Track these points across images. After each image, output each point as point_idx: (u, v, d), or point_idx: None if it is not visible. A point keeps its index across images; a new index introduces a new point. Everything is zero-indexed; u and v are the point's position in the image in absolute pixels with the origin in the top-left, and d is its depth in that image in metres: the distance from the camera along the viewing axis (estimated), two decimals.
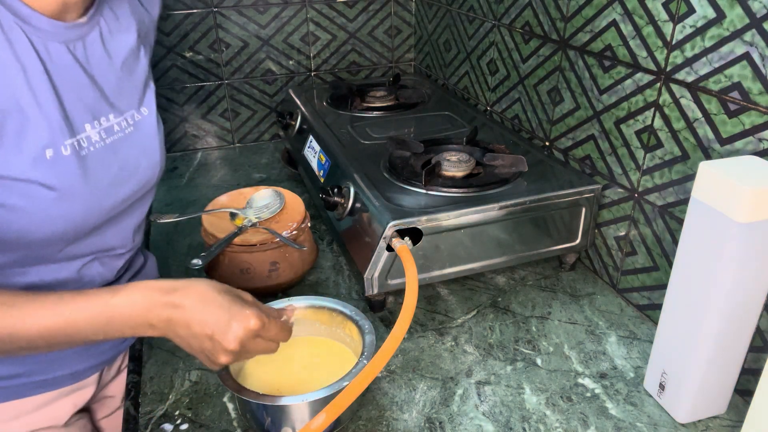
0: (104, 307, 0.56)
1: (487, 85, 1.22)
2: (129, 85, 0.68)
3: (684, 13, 0.71)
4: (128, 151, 0.66)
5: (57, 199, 0.57)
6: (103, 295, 0.57)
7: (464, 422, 0.68)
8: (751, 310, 0.61)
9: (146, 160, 0.69)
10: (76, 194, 0.59)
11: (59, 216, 0.59)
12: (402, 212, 0.80)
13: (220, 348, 0.58)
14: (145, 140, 0.69)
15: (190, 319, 0.57)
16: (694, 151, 0.73)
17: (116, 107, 0.65)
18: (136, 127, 0.68)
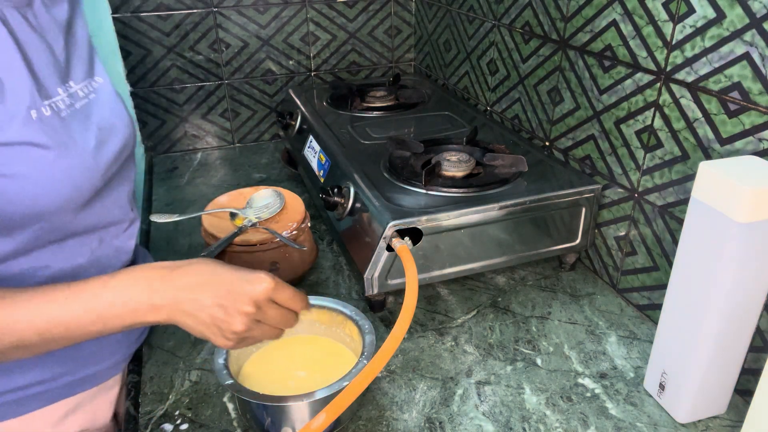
0: (102, 288, 0.55)
1: (487, 85, 1.23)
2: (77, 53, 0.67)
3: (684, 13, 0.71)
4: (100, 114, 0.66)
5: (55, 159, 0.57)
6: (102, 277, 0.56)
7: (464, 422, 0.68)
8: (751, 310, 0.61)
9: (119, 121, 0.69)
10: (70, 153, 0.59)
11: (62, 178, 0.58)
12: (402, 212, 0.80)
13: (234, 312, 0.55)
14: (110, 104, 0.69)
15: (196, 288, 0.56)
16: (694, 151, 0.73)
17: (75, 74, 0.65)
18: (98, 93, 0.68)
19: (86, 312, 0.54)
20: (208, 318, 0.56)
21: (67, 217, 0.61)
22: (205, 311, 0.56)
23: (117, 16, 1.28)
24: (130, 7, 1.28)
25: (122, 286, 0.55)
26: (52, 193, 0.58)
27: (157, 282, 0.56)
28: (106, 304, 0.55)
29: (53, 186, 0.58)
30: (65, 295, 0.54)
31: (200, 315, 0.56)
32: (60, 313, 0.53)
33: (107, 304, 0.55)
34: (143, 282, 0.56)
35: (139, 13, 1.29)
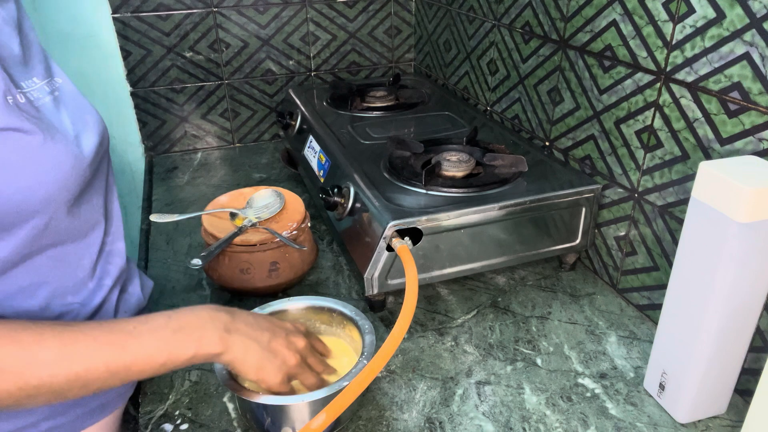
0: (167, 319, 0.56)
1: (487, 85, 1.23)
2: (33, 52, 0.65)
3: (684, 13, 0.71)
4: (69, 109, 0.64)
5: (42, 144, 0.55)
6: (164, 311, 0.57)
7: (464, 422, 0.68)
8: (751, 310, 0.61)
9: (90, 117, 0.67)
10: (56, 138, 0.57)
11: (51, 166, 0.56)
12: (402, 212, 0.80)
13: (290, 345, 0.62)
14: (77, 101, 0.67)
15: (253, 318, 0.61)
16: (694, 151, 0.73)
17: (36, 72, 0.63)
18: (62, 92, 0.65)
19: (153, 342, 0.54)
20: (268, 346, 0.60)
21: (60, 213, 0.59)
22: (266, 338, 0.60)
23: (117, 16, 1.28)
24: (130, 7, 1.28)
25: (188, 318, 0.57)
26: (43, 181, 0.55)
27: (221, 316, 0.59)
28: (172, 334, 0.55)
29: (44, 173, 0.55)
30: (132, 325, 0.54)
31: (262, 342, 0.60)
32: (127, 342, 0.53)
33: (173, 333, 0.55)
34: (208, 316, 0.58)
35: (139, 13, 1.29)
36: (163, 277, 0.94)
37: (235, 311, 0.61)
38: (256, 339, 0.60)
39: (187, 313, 0.58)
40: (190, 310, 0.58)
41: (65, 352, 0.51)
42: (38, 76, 0.63)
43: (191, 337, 0.56)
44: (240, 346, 0.58)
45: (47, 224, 0.58)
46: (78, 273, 0.64)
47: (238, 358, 0.58)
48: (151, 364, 0.54)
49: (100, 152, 0.66)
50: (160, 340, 0.55)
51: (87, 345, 0.52)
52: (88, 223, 0.65)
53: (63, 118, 0.62)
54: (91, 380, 0.52)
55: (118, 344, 0.53)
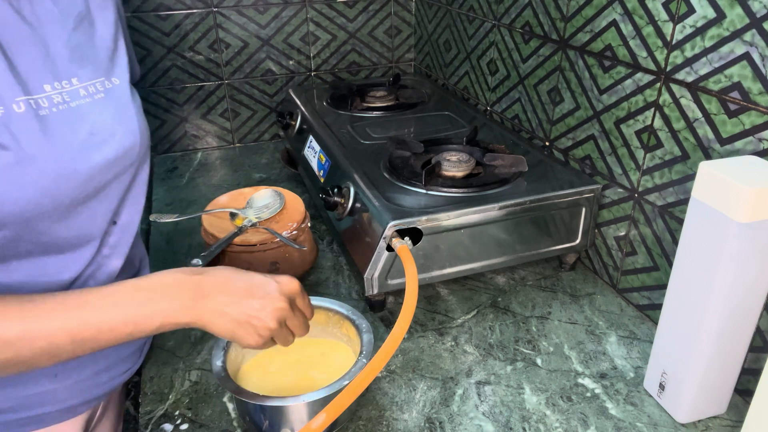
0: (134, 290, 0.55)
1: (487, 85, 1.22)
2: (91, 50, 0.63)
3: (684, 13, 0.71)
4: (99, 117, 0.61)
5: (16, 162, 0.52)
6: (132, 280, 0.55)
7: (464, 422, 0.68)
8: (751, 310, 0.61)
9: (122, 128, 0.64)
10: (37, 156, 0.54)
11: (28, 182, 0.54)
12: (402, 212, 0.80)
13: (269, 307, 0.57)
14: (119, 108, 0.65)
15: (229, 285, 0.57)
16: (694, 151, 0.73)
17: (81, 71, 0.61)
18: (107, 95, 0.63)
19: (119, 313, 0.53)
20: (242, 315, 0.56)
21: (39, 226, 0.57)
22: (239, 308, 0.56)
23: None
24: (130, 7, 1.28)
25: (155, 287, 0.55)
26: (12, 197, 0.53)
27: (189, 283, 0.56)
28: (139, 305, 0.54)
29: (14, 191, 0.53)
30: (97, 297, 0.54)
31: (234, 312, 0.56)
32: (92, 314, 0.53)
33: (139, 304, 0.54)
34: (175, 283, 0.56)
35: (139, 13, 1.29)
36: None
37: (207, 275, 0.58)
38: (226, 304, 0.57)
39: (154, 280, 0.56)
40: (158, 277, 0.56)
41: (27, 328, 0.51)
42: (83, 76, 0.61)
43: (157, 308, 0.54)
44: (208, 314, 0.56)
45: (20, 235, 0.56)
46: (51, 283, 0.62)
47: (210, 325, 0.56)
48: (117, 333, 0.54)
49: (118, 166, 0.63)
50: (125, 311, 0.54)
51: (49, 319, 0.51)
52: (80, 236, 0.62)
53: (82, 127, 0.59)
54: (57, 352, 0.52)
55: (82, 317, 0.52)
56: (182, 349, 0.79)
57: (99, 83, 0.63)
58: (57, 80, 0.59)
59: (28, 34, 0.57)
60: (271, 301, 0.58)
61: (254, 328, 0.57)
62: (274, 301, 0.58)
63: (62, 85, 0.59)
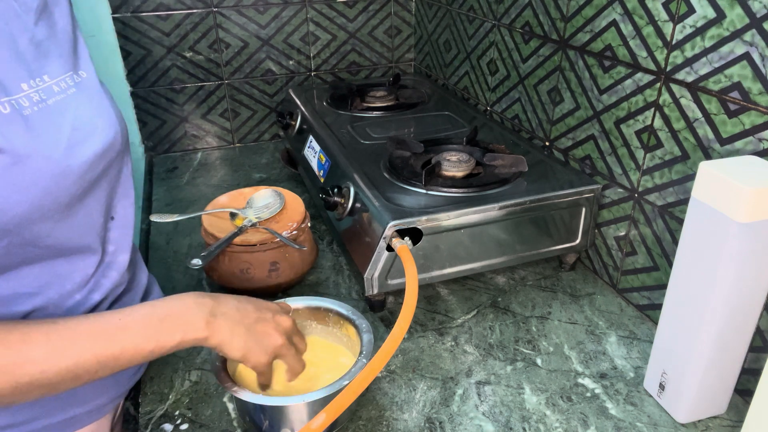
0: (153, 307, 0.56)
1: (487, 85, 1.22)
2: (55, 45, 0.61)
3: (684, 13, 0.71)
4: (78, 112, 0.60)
5: (13, 163, 0.51)
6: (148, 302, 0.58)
7: (464, 422, 0.68)
8: (751, 310, 0.61)
9: (102, 120, 0.63)
10: (31, 155, 0.53)
11: (28, 183, 0.53)
12: (402, 212, 0.80)
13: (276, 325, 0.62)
14: (93, 100, 0.63)
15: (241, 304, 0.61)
16: (694, 151, 0.73)
17: (50, 68, 0.59)
18: (79, 88, 0.61)
19: (140, 332, 0.55)
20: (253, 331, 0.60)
21: (43, 228, 0.56)
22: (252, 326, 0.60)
23: (117, 16, 1.28)
24: (130, 7, 1.28)
25: (173, 306, 0.57)
26: (12, 200, 0.52)
27: (206, 302, 0.59)
28: (159, 322, 0.56)
29: (13, 193, 0.52)
30: (118, 317, 0.55)
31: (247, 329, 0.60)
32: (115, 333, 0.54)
33: (159, 321, 0.56)
34: (193, 302, 0.59)
35: (139, 13, 1.29)
36: (163, 277, 0.94)
37: (219, 296, 0.61)
38: (242, 322, 0.60)
39: (171, 301, 0.58)
40: (175, 298, 0.59)
41: (54, 349, 0.51)
42: (53, 72, 0.59)
43: (177, 324, 0.56)
44: (225, 329, 0.59)
45: (24, 239, 0.56)
46: (66, 285, 0.62)
47: (225, 342, 0.59)
48: (139, 352, 0.55)
49: (105, 159, 0.62)
50: (146, 328, 0.55)
51: (74, 340, 0.53)
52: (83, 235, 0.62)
53: (64, 123, 0.58)
54: (81, 373, 0.53)
55: (106, 336, 0.54)
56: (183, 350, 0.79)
57: (68, 78, 0.61)
58: (32, 78, 0.57)
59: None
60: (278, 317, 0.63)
61: (266, 341, 0.61)
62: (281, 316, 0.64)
63: (36, 83, 0.57)
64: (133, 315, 0.56)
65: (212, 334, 0.58)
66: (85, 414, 0.67)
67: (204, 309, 0.58)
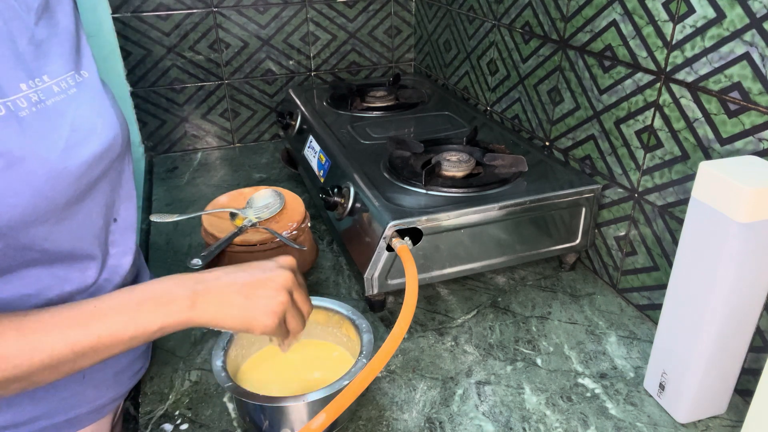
0: (130, 292, 0.54)
1: (487, 85, 1.22)
2: (56, 44, 0.61)
3: (684, 13, 0.71)
4: (77, 112, 0.59)
5: (6, 167, 0.51)
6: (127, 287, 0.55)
7: (464, 422, 0.68)
8: (751, 310, 0.61)
9: (102, 120, 0.62)
10: (26, 158, 0.52)
11: (21, 186, 0.52)
12: (402, 212, 0.80)
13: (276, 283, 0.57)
14: (94, 101, 0.63)
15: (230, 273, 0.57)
16: (694, 151, 0.73)
17: (50, 68, 0.59)
18: (80, 89, 0.61)
19: (117, 319, 0.52)
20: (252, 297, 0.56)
21: (40, 231, 0.55)
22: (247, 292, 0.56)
23: (117, 16, 1.28)
24: (130, 7, 1.28)
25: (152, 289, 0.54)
26: (10, 204, 0.51)
27: (187, 280, 0.56)
28: (137, 306, 0.53)
29: (9, 196, 0.51)
30: (93, 305, 0.53)
31: (243, 297, 0.55)
32: (90, 322, 0.52)
33: (138, 305, 0.53)
34: (172, 283, 0.55)
35: (139, 13, 1.29)
36: None
37: (204, 271, 0.58)
38: (233, 290, 0.56)
39: (150, 284, 0.56)
40: (154, 281, 0.56)
41: (26, 343, 0.50)
42: (53, 72, 0.59)
43: (157, 307, 0.54)
44: (213, 304, 0.55)
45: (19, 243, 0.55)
46: (65, 287, 0.61)
47: (216, 317, 0.56)
48: (118, 339, 0.53)
49: (104, 160, 0.62)
50: (123, 314, 0.53)
51: (47, 331, 0.50)
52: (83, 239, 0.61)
53: (63, 124, 0.57)
54: (57, 364, 0.51)
55: (80, 326, 0.51)
56: (182, 349, 0.79)
57: (70, 78, 0.61)
58: (31, 78, 0.56)
59: None
60: (276, 275, 0.58)
61: (267, 307, 0.57)
62: (279, 274, 0.58)
63: (36, 83, 0.57)
64: (109, 301, 0.53)
65: (198, 313, 0.55)
66: (86, 414, 0.67)
67: (185, 288, 0.55)
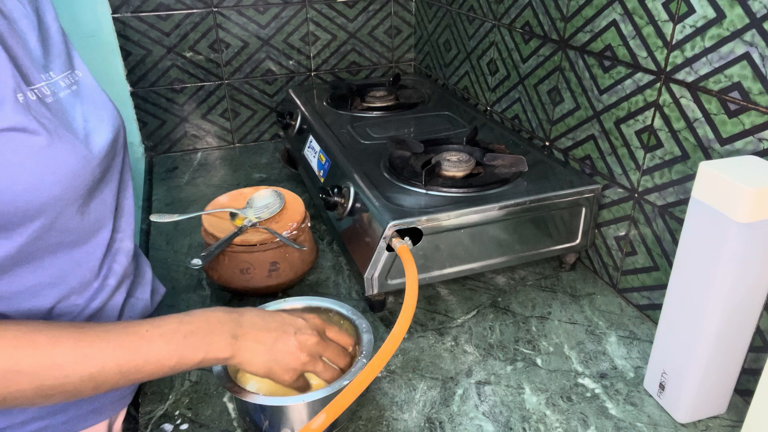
0: (179, 322, 0.57)
1: (487, 85, 1.22)
2: (54, 44, 0.65)
3: (684, 13, 0.71)
4: (84, 106, 0.63)
5: (48, 145, 0.54)
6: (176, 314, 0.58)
7: (464, 422, 0.68)
8: (751, 310, 0.61)
9: (106, 112, 0.66)
10: (63, 138, 0.56)
11: (58, 165, 0.55)
12: (402, 212, 0.80)
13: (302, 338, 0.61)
14: (94, 96, 0.66)
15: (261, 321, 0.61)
16: (694, 151, 0.73)
17: (54, 65, 0.62)
18: (80, 86, 0.65)
19: (165, 346, 0.55)
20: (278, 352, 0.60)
21: (68, 212, 0.58)
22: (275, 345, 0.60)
23: (117, 16, 1.28)
24: (130, 7, 1.28)
25: (199, 322, 0.57)
26: (47, 182, 0.54)
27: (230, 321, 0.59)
28: (184, 338, 0.56)
29: (49, 174, 0.54)
30: (145, 328, 0.55)
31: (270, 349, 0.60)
32: (141, 345, 0.54)
33: (184, 338, 0.56)
34: (217, 320, 0.59)
35: (139, 13, 1.29)
36: (163, 277, 0.94)
37: (244, 313, 0.61)
38: (263, 342, 0.60)
39: (197, 317, 0.58)
40: (201, 314, 0.59)
41: (80, 354, 0.51)
42: (56, 70, 0.62)
43: (201, 342, 0.57)
44: (247, 350, 0.59)
45: (53, 224, 0.57)
46: (86, 273, 0.63)
47: (246, 362, 0.59)
48: (161, 366, 0.55)
49: (114, 148, 0.65)
50: (171, 343, 0.55)
51: (101, 347, 0.53)
52: (97, 221, 0.64)
53: (76, 115, 0.61)
54: (103, 381, 0.53)
55: (131, 347, 0.54)
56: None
57: (68, 76, 0.64)
58: (43, 73, 0.59)
59: (11, 29, 0.57)
60: (302, 336, 0.62)
61: (288, 361, 0.61)
62: (305, 336, 0.62)
63: (47, 77, 0.60)
64: (161, 328, 0.56)
65: (234, 354, 0.58)
66: (83, 416, 0.67)
67: (227, 329, 0.59)
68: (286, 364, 0.61)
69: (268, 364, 0.60)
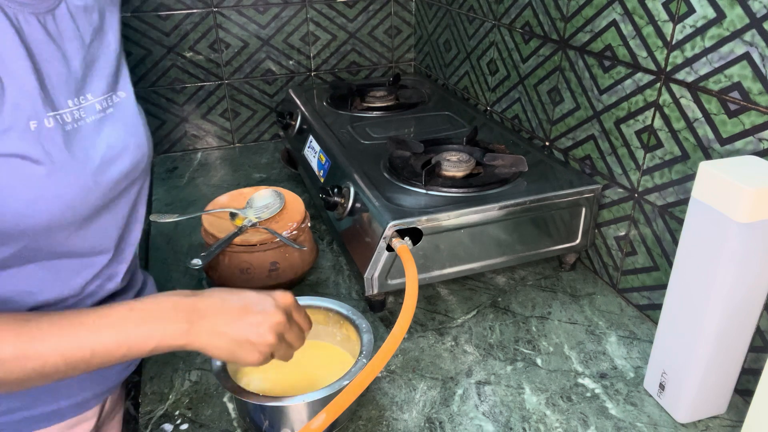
0: (129, 312, 0.55)
1: (487, 85, 1.22)
2: (102, 65, 0.65)
3: (684, 13, 0.71)
4: (112, 132, 0.63)
5: (47, 175, 0.54)
6: (128, 302, 0.56)
7: (464, 422, 0.68)
8: (751, 310, 0.61)
9: (133, 141, 0.66)
10: (66, 169, 0.56)
11: (53, 196, 0.55)
12: (402, 212, 0.80)
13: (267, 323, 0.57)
14: (128, 122, 0.66)
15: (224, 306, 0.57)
16: (694, 151, 0.73)
17: (94, 86, 0.63)
18: (117, 108, 0.65)
19: (113, 335, 0.53)
20: (241, 333, 0.57)
21: (58, 237, 0.58)
22: (237, 326, 0.57)
23: None
24: (130, 7, 1.28)
25: (150, 309, 0.55)
26: (39, 209, 0.55)
27: (184, 305, 0.56)
28: (134, 327, 0.54)
29: (42, 202, 0.55)
30: (92, 319, 0.53)
31: (232, 331, 0.57)
32: (87, 336, 0.52)
33: (134, 326, 0.54)
34: (170, 306, 0.56)
35: (139, 13, 1.29)
36: (163, 277, 0.94)
37: (202, 295, 0.58)
38: (223, 324, 0.57)
39: (149, 304, 0.56)
40: (153, 300, 0.56)
41: (22, 349, 0.50)
42: (96, 91, 0.63)
43: (153, 330, 0.54)
44: (204, 333, 0.56)
45: (38, 245, 0.57)
46: (64, 290, 0.63)
47: (206, 347, 0.56)
48: (110, 356, 0.53)
49: (129, 178, 0.65)
50: (120, 333, 0.53)
51: (44, 340, 0.51)
52: (94, 248, 0.64)
53: (98, 142, 0.61)
54: (49, 372, 0.52)
55: (77, 338, 0.52)
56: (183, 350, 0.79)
57: (108, 98, 0.65)
58: (77, 96, 0.60)
59: (54, 50, 0.59)
60: (268, 316, 0.58)
61: (254, 345, 0.57)
62: (271, 315, 0.58)
63: (80, 101, 0.61)
64: (109, 317, 0.54)
65: (190, 341, 0.56)
66: (68, 407, 0.67)
67: (182, 314, 0.56)
68: (251, 347, 0.57)
69: (229, 346, 0.57)
